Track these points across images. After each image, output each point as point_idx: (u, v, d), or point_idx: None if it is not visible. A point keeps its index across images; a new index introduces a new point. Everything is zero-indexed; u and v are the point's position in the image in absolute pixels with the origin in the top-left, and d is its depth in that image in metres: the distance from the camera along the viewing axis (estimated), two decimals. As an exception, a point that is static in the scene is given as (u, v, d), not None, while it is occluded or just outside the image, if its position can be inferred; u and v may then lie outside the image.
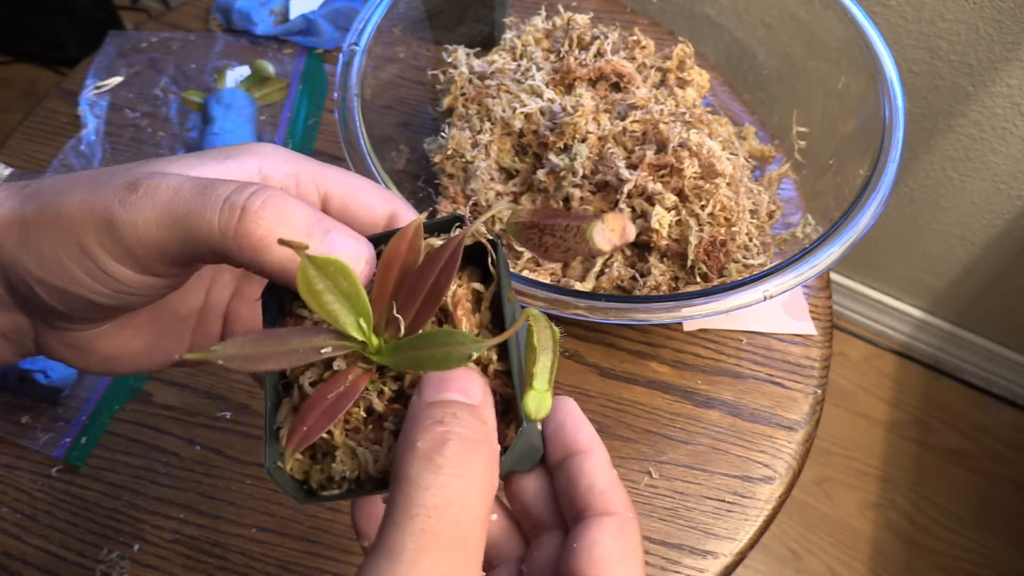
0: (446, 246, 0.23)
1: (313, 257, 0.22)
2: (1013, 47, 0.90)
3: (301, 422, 0.23)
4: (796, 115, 0.61)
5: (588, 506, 0.25)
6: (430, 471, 0.20)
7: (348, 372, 0.24)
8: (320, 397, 0.23)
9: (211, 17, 0.75)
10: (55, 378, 0.50)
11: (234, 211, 0.23)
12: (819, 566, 1.15)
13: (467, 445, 0.21)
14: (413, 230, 0.24)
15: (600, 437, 0.27)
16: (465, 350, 0.22)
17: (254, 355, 0.22)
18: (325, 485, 0.24)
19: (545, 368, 0.24)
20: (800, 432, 0.52)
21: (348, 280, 0.23)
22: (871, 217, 0.48)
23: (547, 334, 0.24)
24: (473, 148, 0.55)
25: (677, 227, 0.51)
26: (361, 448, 0.24)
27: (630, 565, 0.24)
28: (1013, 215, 1.07)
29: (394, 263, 0.24)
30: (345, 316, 0.23)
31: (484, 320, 0.25)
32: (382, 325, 0.24)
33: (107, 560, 0.46)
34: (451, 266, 0.23)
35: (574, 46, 0.61)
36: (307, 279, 0.22)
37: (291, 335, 0.23)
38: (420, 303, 0.23)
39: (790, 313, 0.57)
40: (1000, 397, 1.32)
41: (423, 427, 0.21)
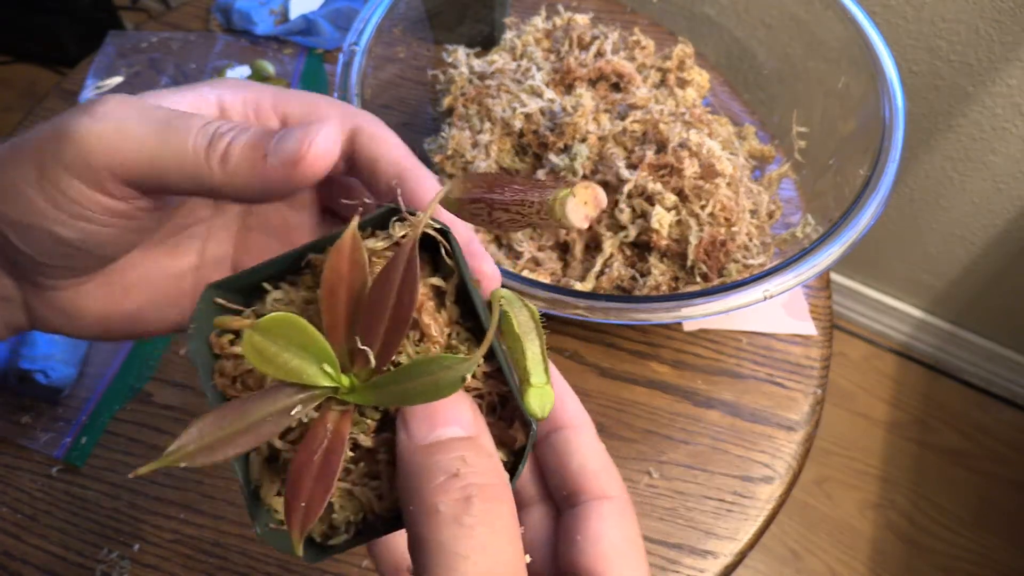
0: (398, 258, 0.21)
1: (258, 325, 0.20)
2: (1013, 47, 0.90)
3: (296, 496, 0.20)
4: (796, 115, 0.61)
5: (582, 489, 0.24)
6: (463, 536, 0.19)
7: (324, 419, 0.21)
8: (306, 459, 0.20)
9: (211, 17, 0.75)
10: (55, 378, 0.50)
11: (205, 137, 0.23)
12: (819, 566, 1.15)
13: (489, 494, 0.19)
14: (350, 242, 0.21)
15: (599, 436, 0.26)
16: (455, 374, 0.19)
17: (217, 442, 0.20)
18: (328, 534, 0.23)
19: (536, 357, 0.22)
20: (800, 432, 0.52)
21: (299, 330, 0.20)
22: (871, 217, 0.48)
23: (525, 316, 0.23)
24: (473, 148, 0.55)
25: (677, 227, 0.51)
26: (359, 488, 0.22)
27: (636, 554, 0.24)
28: (1013, 215, 1.07)
29: (338, 287, 0.21)
30: (308, 368, 0.21)
31: (452, 316, 0.23)
32: (347, 360, 0.21)
33: (107, 560, 0.46)
34: (412, 279, 0.21)
35: (574, 46, 0.61)
36: (256, 349, 0.20)
37: (250, 404, 0.20)
38: (386, 328, 0.21)
39: (790, 313, 0.57)
40: (1000, 397, 1.32)
41: (437, 485, 0.19)
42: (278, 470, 0.23)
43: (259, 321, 0.20)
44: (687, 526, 0.48)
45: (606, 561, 0.23)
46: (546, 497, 0.26)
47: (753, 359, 0.55)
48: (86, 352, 0.53)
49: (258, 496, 0.23)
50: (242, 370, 0.23)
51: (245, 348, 0.20)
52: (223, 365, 0.23)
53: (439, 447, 0.20)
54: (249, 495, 0.22)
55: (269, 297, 0.24)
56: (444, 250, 0.22)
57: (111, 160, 0.22)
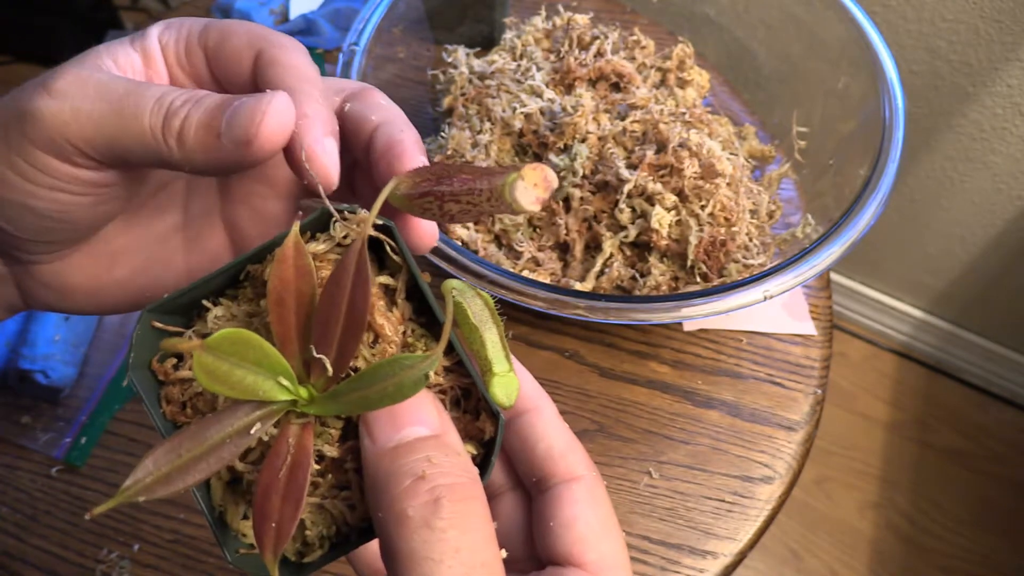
0: (347, 260, 0.20)
1: (207, 344, 0.19)
2: (1013, 47, 0.90)
3: (265, 518, 0.19)
4: (796, 115, 0.61)
5: (551, 473, 0.24)
6: (435, 540, 0.18)
7: (285, 435, 0.20)
8: (271, 478, 0.19)
9: (211, 17, 0.75)
10: (55, 378, 0.50)
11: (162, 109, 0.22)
12: (819, 566, 1.15)
13: (458, 493, 0.19)
14: (292, 249, 0.20)
15: (599, 435, 0.26)
16: (417, 372, 0.19)
17: (175, 471, 0.19)
18: (303, 551, 0.22)
19: (496, 346, 0.22)
20: (800, 432, 0.52)
21: (251, 345, 0.20)
22: (871, 217, 0.48)
23: (479, 305, 0.22)
24: (473, 148, 0.55)
25: (677, 227, 0.51)
26: (329, 500, 0.21)
27: (611, 532, 0.23)
28: (1013, 215, 1.07)
29: (286, 296, 0.20)
30: (263, 384, 0.20)
31: (405, 313, 0.22)
32: (302, 371, 0.21)
33: (107, 560, 0.46)
34: (363, 280, 0.20)
35: (574, 46, 0.61)
36: (207, 370, 0.19)
37: (205, 428, 0.19)
38: (341, 333, 0.20)
39: (790, 313, 0.57)
40: (1000, 397, 1.32)
41: (404, 489, 0.19)
42: (242, 492, 0.23)
43: (207, 340, 0.19)
44: (687, 526, 0.48)
45: (583, 543, 0.23)
46: (517, 484, 0.26)
47: (753, 359, 0.55)
48: (86, 352, 0.53)
49: (224, 522, 0.22)
50: (191, 394, 0.23)
51: (196, 370, 0.19)
52: (169, 391, 0.23)
53: (403, 449, 0.20)
54: (214, 522, 0.22)
55: (210, 315, 0.23)
56: (389, 247, 0.22)
57: (74, 137, 0.22)
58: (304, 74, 0.25)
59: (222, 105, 0.23)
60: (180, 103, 0.23)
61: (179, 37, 0.26)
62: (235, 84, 0.26)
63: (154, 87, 0.23)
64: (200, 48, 0.26)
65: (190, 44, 0.26)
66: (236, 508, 0.22)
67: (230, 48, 0.26)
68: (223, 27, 0.26)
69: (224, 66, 0.26)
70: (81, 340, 0.53)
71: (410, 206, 0.21)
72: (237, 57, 0.25)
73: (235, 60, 0.25)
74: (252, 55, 0.25)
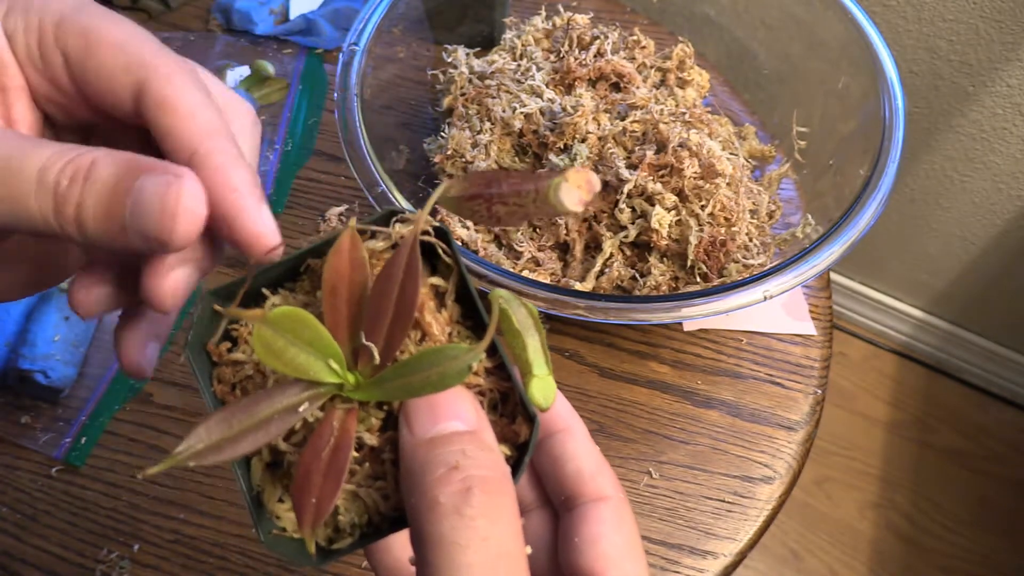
0: (399, 253, 0.21)
1: (268, 318, 0.20)
2: (1013, 47, 0.90)
3: (305, 493, 0.20)
4: (796, 115, 0.61)
5: (579, 493, 0.24)
6: (463, 527, 0.19)
7: (330, 418, 0.21)
8: (313, 456, 0.20)
9: (211, 17, 0.75)
10: (55, 378, 0.50)
11: (47, 195, 0.19)
12: (819, 566, 1.15)
13: (490, 486, 0.19)
14: (349, 242, 0.21)
15: (599, 436, 0.26)
16: (461, 364, 0.20)
17: (225, 441, 0.20)
18: (333, 537, 0.22)
19: (538, 350, 0.22)
20: (800, 432, 0.52)
21: (307, 325, 0.20)
22: (871, 217, 0.48)
23: (523, 313, 0.23)
24: (473, 148, 0.55)
25: (677, 227, 0.51)
26: (364, 489, 0.22)
27: (636, 554, 0.24)
28: (1013, 215, 1.07)
29: (339, 286, 0.21)
30: (314, 364, 0.21)
31: (453, 315, 0.23)
32: (351, 358, 0.21)
33: (107, 560, 0.46)
34: (413, 274, 0.21)
35: (574, 46, 0.61)
36: (265, 343, 0.20)
37: (257, 403, 0.20)
38: (390, 324, 0.21)
39: (790, 313, 0.57)
40: (1000, 397, 1.32)
41: (438, 477, 0.19)
42: (280, 476, 0.23)
43: (269, 314, 0.20)
44: (687, 526, 0.48)
45: (605, 560, 0.23)
46: (545, 502, 0.26)
47: (753, 359, 0.55)
48: (86, 352, 0.53)
49: (260, 502, 0.22)
50: (241, 376, 0.23)
51: (255, 342, 0.20)
52: (222, 372, 0.23)
53: (440, 441, 0.20)
54: (251, 501, 0.22)
55: (268, 302, 0.24)
56: (442, 250, 0.22)
57: None
58: (204, 122, 0.21)
59: (118, 189, 0.19)
60: (67, 183, 0.20)
61: (28, 28, 0.22)
62: (110, 110, 0.22)
63: (31, 150, 0.20)
64: (58, 51, 0.22)
65: (44, 43, 0.22)
66: (273, 490, 0.23)
67: (99, 67, 0.22)
68: (84, 29, 0.22)
69: (93, 88, 0.22)
70: (81, 340, 0.53)
71: (460, 208, 0.22)
72: (109, 82, 0.22)
73: (106, 85, 0.22)
74: (131, 84, 0.21)
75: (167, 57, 0.22)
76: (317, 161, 0.65)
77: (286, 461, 0.23)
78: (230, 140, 0.22)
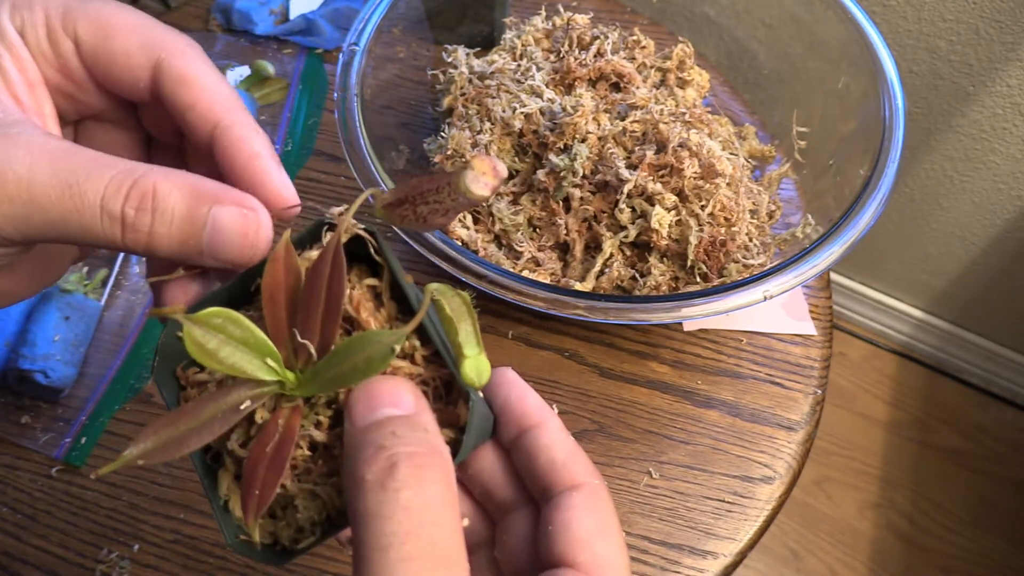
0: (324, 252, 0.22)
1: (193, 318, 0.21)
2: (1013, 47, 0.90)
3: (250, 486, 0.21)
4: (796, 115, 0.61)
5: (553, 482, 0.25)
6: (388, 499, 0.19)
7: (276, 417, 0.22)
8: (259, 452, 0.22)
9: (211, 17, 0.75)
10: (55, 378, 0.50)
11: (115, 223, 0.21)
12: (819, 566, 1.15)
13: (416, 461, 0.20)
14: (283, 251, 0.22)
15: (599, 435, 0.27)
16: (384, 346, 0.21)
17: (172, 441, 0.21)
18: (297, 537, 0.23)
19: (469, 333, 0.23)
20: (800, 432, 0.52)
21: (239, 325, 0.21)
22: (871, 217, 0.48)
23: (457, 301, 0.23)
24: (473, 148, 0.55)
25: (677, 227, 0.51)
26: (320, 487, 0.23)
27: (609, 536, 0.24)
28: (1013, 215, 1.07)
29: (277, 292, 0.22)
30: (250, 363, 0.21)
31: (391, 312, 0.24)
32: (292, 358, 0.22)
33: (107, 560, 0.46)
34: (338, 269, 0.21)
35: (574, 46, 0.61)
36: (196, 342, 0.21)
37: (202, 405, 0.22)
38: (322, 319, 0.22)
39: (790, 313, 0.57)
40: (1000, 397, 1.32)
41: (366, 457, 0.20)
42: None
43: (196, 314, 0.21)
44: (687, 526, 0.48)
45: (579, 544, 0.23)
46: (528, 500, 0.26)
47: (753, 359, 0.55)
48: (86, 352, 0.53)
49: (227, 510, 0.23)
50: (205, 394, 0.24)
51: (186, 342, 0.21)
52: (188, 393, 0.24)
53: (374, 426, 0.21)
54: (219, 509, 0.23)
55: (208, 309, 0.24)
56: (373, 248, 0.23)
57: (9, 219, 0.21)
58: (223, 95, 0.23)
59: (191, 219, 0.21)
60: (134, 213, 0.21)
61: (35, 21, 0.23)
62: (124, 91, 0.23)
63: (91, 173, 0.21)
64: (68, 39, 0.23)
65: (53, 31, 0.23)
66: (239, 500, 0.23)
67: (117, 50, 0.23)
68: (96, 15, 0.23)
69: (109, 70, 0.23)
70: (81, 340, 0.53)
71: (391, 216, 0.23)
72: (127, 62, 0.23)
73: (124, 66, 0.23)
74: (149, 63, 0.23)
75: (178, 36, 0.24)
76: (317, 161, 0.65)
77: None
78: (245, 111, 0.24)
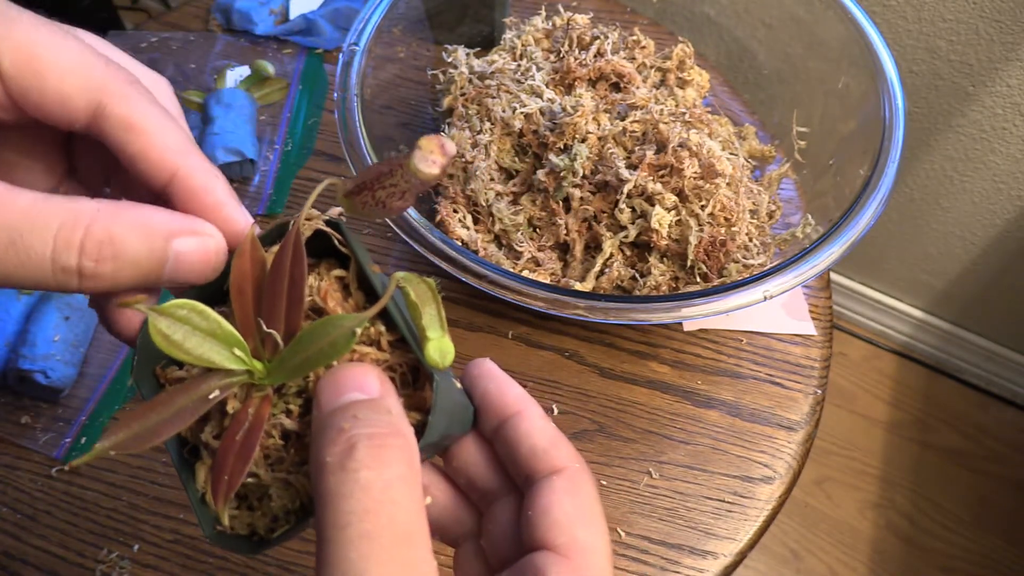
0: (285, 241, 0.23)
1: (158, 309, 0.21)
2: (1013, 47, 0.90)
3: (219, 472, 0.22)
4: (796, 115, 0.61)
5: (534, 469, 0.25)
6: (347, 479, 0.19)
7: (247, 406, 0.23)
8: (230, 442, 0.22)
9: (211, 17, 0.75)
10: (55, 378, 0.50)
11: (70, 275, 0.20)
12: (819, 566, 1.15)
13: (376, 441, 0.20)
14: (249, 245, 0.23)
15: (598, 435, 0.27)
16: (347, 329, 0.21)
17: (144, 431, 0.21)
18: (273, 527, 0.24)
19: (433, 317, 0.23)
20: (800, 432, 0.52)
21: (203, 316, 0.22)
22: (871, 217, 0.48)
23: (422, 288, 0.24)
24: (473, 148, 0.55)
25: (677, 227, 0.51)
26: (293, 475, 0.23)
27: (590, 519, 0.24)
28: (1013, 215, 1.07)
29: (244, 285, 0.23)
30: (218, 353, 0.22)
31: (359, 302, 0.24)
32: (260, 348, 0.23)
33: (107, 560, 0.46)
34: (298, 257, 0.22)
35: (574, 46, 0.61)
36: (162, 333, 0.21)
37: (174, 396, 0.22)
38: (285, 308, 0.22)
39: (790, 313, 0.57)
40: (1000, 397, 1.32)
41: (328, 440, 0.20)
42: None
43: (161, 305, 0.21)
44: (687, 526, 0.48)
45: (557, 528, 0.23)
46: (511, 489, 0.26)
47: (753, 359, 0.55)
48: (86, 352, 0.53)
49: (204, 503, 0.24)
50: None
51: (152, 333, 0.21)
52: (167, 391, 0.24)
53: (338, 411, 0.21)
54: (197, 502, 0.24)
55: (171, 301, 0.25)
56: (337, 240, 0.24)
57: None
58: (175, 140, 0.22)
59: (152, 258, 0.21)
60: (93, 264, 0.20)
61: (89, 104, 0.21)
62: (57, 125, 0.22)
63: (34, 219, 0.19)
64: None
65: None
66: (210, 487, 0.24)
67: (50, 91, 0.21)
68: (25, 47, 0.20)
69: (39, 108, 0.21)
70: (81, 340, 0.53)
71: (352, 204, 0.23)
72: (62, 105, 0.21)
73: (59, 108, 0.21)
74: (88, 108, 0.21)
75: (118, 73, 0.22)
76: (317, 161, 0.65)
77: None
78: (199, 154, 0.23)
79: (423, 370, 0.24)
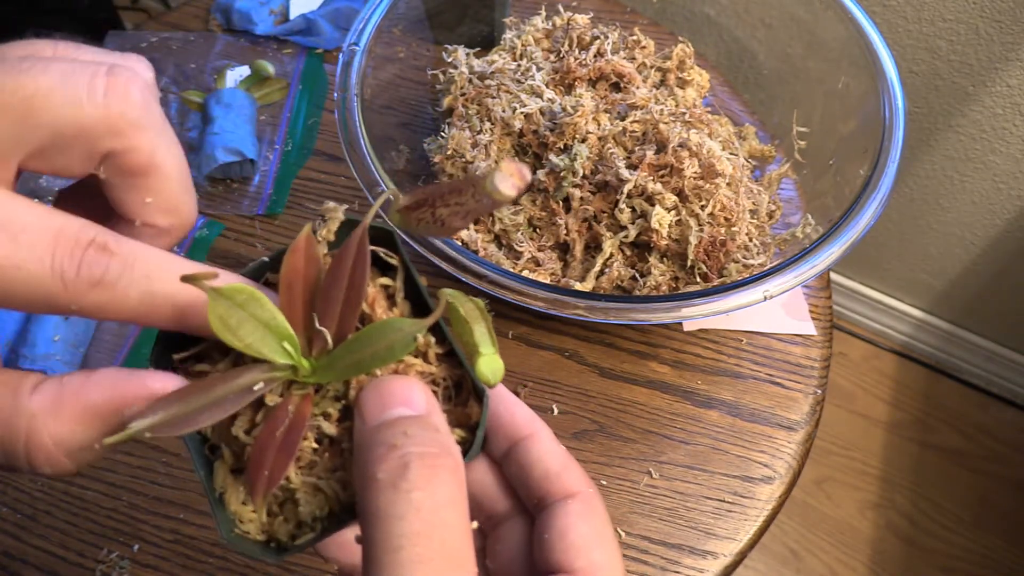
0: (349, 242, 0.22)
1: (221, 290, 0.20)
2: (1013, 47, 0.90)
3: (259, 467, 0.21)
4: (796, 115, 0.61)
5: (548, 493, 0.25)
6: (399, 499, 0.19)
7: (287, 403, 0.22)
8: (269, 436, 0.21)
9: (211, 17, 0.75)
10: (55, 378, 0.50)
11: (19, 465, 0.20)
12: (819, 566, 1.15)
13: (428, 461, 0.20)
14: (304, 242, 0.22)
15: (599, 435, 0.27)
16: (406, 334, 0.21)
17: (182, 416, 0.20)
18: (295, 533, 0.23)
19: (484, 334, 0.23)
20: (800, 432, 0.52)
21: (262, 306, 0.21)
22: (871, 217, 0.48)
23: (471, 306, 0.23)
24: (473, 148, 0.55)
25: (677, 227, 0.51)
26: (324, 481, 0.22)
27: (604, 543, 0.24)
28: (1013, 215, 1.07)
29: (295, 281, 0.22)
30: (268, 345, 0.21)
31: (404, 312, 0.24)
32: (306, 345, 0.22)
33: (107, 560, 0.46)
34: (361, 260, 0.22)
35: (574, 46, 0.61)
36: (220, 316, 0.20)
37: (212, 383, 0.21)
38: (341, 308, 0.22)
39: (790, 313, 0.57)
40: (1000, 397, 1.32)
41: (377, 456, 0.20)
42: (243, 481, 0.23)
43: (223, 286, 0.20)
44: (687, 526, 0.48)
45: (574, 551, 0.23)
46: (522, 510, 0.26)
47: (753, 359, 0.55)
48: (86, 352, 0.53)
49: (223, 503, 0.23)
50: None
51: (210, 315, 0.20)
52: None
53: (386, 425, 0.21)
54: (214, 501, 0.23)
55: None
56: (384, 253, 0.24)
57: None
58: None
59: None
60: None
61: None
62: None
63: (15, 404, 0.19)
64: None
65: None
66: (236, 492, 0.23)
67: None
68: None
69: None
70: (81, 340, 0.53)
71: (408, 220, 0.23)
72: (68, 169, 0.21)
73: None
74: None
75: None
76: (317, 161, 0.65)
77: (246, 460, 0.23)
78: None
79: (466, 386, 0.23)
